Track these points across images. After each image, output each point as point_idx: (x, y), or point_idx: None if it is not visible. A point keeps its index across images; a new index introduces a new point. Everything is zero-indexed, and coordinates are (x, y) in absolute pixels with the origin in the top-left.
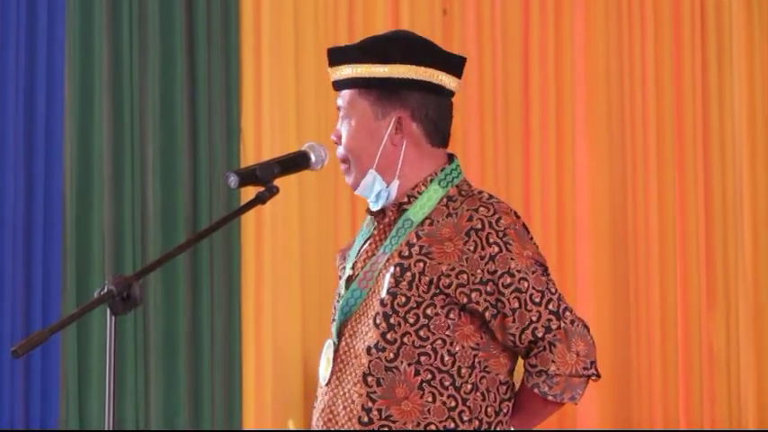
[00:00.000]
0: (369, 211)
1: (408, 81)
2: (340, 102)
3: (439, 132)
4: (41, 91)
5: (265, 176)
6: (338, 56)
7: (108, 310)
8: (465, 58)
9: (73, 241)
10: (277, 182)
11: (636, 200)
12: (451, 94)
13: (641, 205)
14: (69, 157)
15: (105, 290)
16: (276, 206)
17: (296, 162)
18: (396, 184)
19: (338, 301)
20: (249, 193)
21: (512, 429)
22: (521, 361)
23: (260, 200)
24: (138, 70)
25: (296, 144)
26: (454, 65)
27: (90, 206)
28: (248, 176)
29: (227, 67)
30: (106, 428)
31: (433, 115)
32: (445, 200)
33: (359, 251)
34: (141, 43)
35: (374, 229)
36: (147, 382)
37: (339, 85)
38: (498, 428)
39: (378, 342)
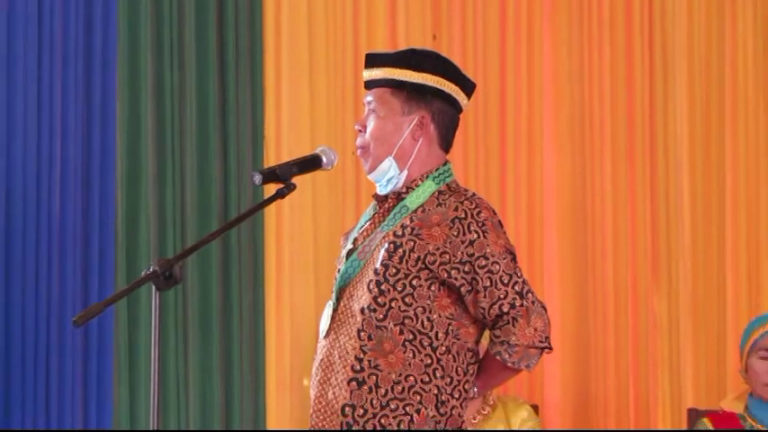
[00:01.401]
0: (375, 196)
1: (435, 89)
2: (369, 98)
3: (447, 138)
4: (97, 105)
5: (284, 175)
6: (376, 60)
7: (153, 287)
8: (476, 84)
9: (123, 230)
10: (294, 180)
11: (594, 196)
12: (461, 110)
13: (598, 201)
14: (120, 160)
15: (151, 270)
16: (293, 200)
17: (310, 163)
18: (404, 174)
19: (339, 271)
20: (271, 189)
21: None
22: (486, 333)
23: (280, 195)
24: (177, 87)
25: (310, 148)
26: (469, 87)
27: (137, 201)
28: (270, 175)
29: (253, 85)
30: (153, 387)
31: (447, 122)
32: (437, 193)
33: (360, 229)
34: (180, 64)
35: (375, 210)
36: (186, 348)
37: (373, 84)
38: (465, 387)
39: (370, 304)
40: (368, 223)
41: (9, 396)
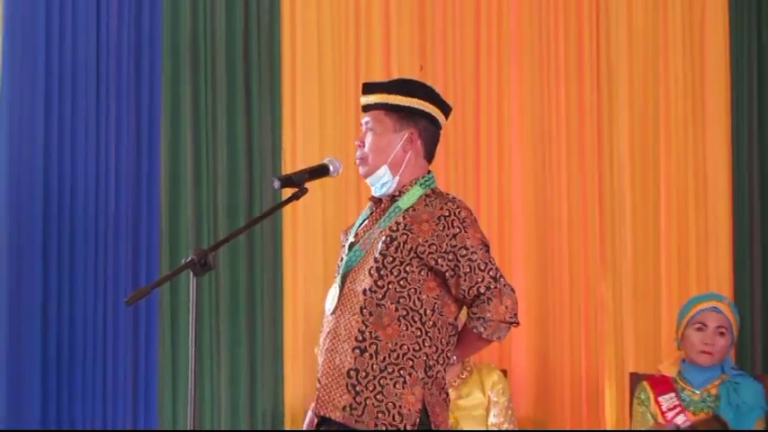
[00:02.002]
0: (371, 198)
1: (420, 111)
2: (366, 119)
3: (430, 150)
4: (145, 121)
5: (299, 181)
6: (372, 88)
7: (191, 273)
8: (452, 107)
9: (166, 225)
10: (306, 185)
11: (552, 199)
12: (441, 127)
13: (556, 203)
14: (164, 167)
15: (189, 259)
16: (306, 201)
17: (319, 171)
18: (396, 180)
19: (342, 260)
20: (287, 192)
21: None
22: (464, 310)
23: (295, 197)
24: (211, 108)
25: (319, 159)
26: (447, 109)
27: (178, 201)
28: (287, 181)
29: (272, 107)
30: (191, 356)
31: (430, 138)
32: (424, 196)
33: (360, 226)
34: (213, 89)
35: (371, 212)
36: (218, 323)
37: (370, 107)
38: (448, 354)
39: (371, 286)
40: (366, 221)
41: (73, 359)
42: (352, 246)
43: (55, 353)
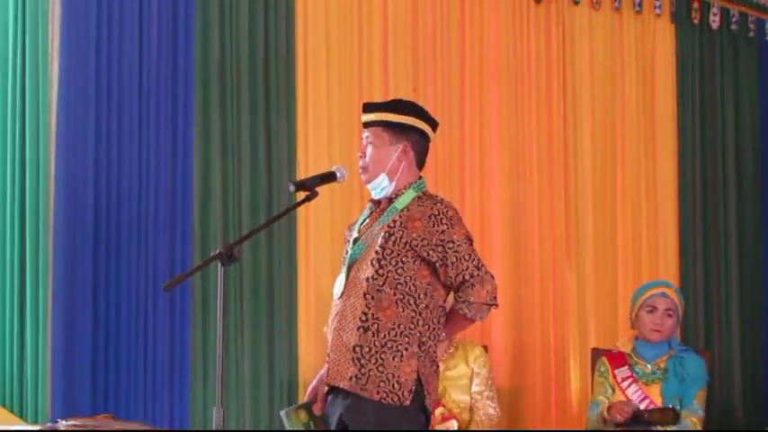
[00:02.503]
0: (371, 200)
1: (412, 127)
2: (366, 134)
3: (421, 160)
4: (180, 136)
5: (311, 185)
6: (371, 108)
7: (219, 264)
8: (438, 123)
9: (198, 223)
10: (317, 189)
11: (525, 201)
12: (429, 140)
13: (528, 204)
14: (197, 174)
15: (217, 251)
16: (317, 203)
17: (328, 177)
18: (393, 185)
19: (347, 253)
20: (301, 195)
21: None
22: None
23: (307, 199)
24: (236, 126)
25: (328, 167)
26: (434, 124)
27: (208, 202)
28: (300, 185)
29: (288, 125)
30: (219, 334)
31: (421, 149)
32: (417, 198)
33: (362, 224)
34: (238, 111)
35: (371, 212)
36: (242, 307)
37: (370, 124)
38: (438, 332)
39: (373, 275)
40: (368, 220)
41: (119, 337)
42: (356, 241)
43: (103, 332)
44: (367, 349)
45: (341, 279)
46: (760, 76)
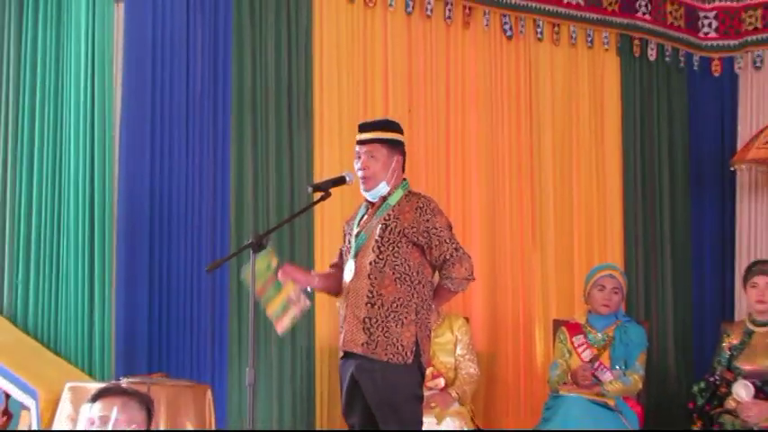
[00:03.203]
0: (367, 201)
1: (399, 141)
2: (365, 149)
3: (404, 164)
4: (220, 146)
5: (325, 187)
6: (368, 127)
7: (251, 251)
8: None
9: (234, 218)
10: (331, 190)
11: (499, 199)
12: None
13: (501, 200)
14: (233, 179)
15: (249, 241)
16: (331, 202)
17: (339, 181)
18: (387, 188)
19: (349, 242)
20: (317, 195)
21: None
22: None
23: (322, 198)
24: (264, 138)
25: (339, 172)
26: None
27: (242, 201)
28: (317, 187)
29: (307, 138)
30: (250, 311)
31: (404, 157)
32: (404, 195)
33: (360, 219)
34: (266, 125)
35: (367, 209)
36: None
37: (366, 141)
38: (429, 303)
39: (374, 259)
40: (366, 216)
41: (170, 311)
42: (358, 234)
43: (157, 306)
44: (375, 320)
45: (350, 266)
46: (688, 99)
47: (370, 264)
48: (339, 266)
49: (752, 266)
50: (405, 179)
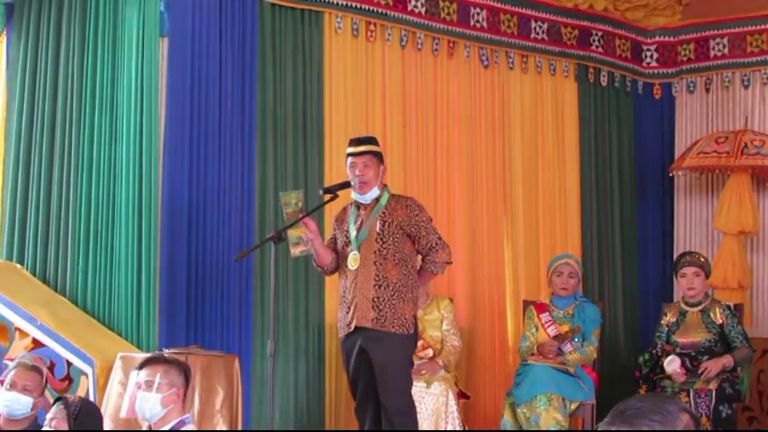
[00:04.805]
0: (356, 203)
1: (381, 153)
2: (360, 161)
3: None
4: (246, 157)
5: (334, 190)
6: (362, 142)
7: (272, 243)
8: None
9: (258, 215)
10: (338, 193)
11: (478, 200)
12: None
13: (480, 202)
14: (257, 183)
15: (270, 234)
16: (337, 202)
17: (345, 185)
18: (378, 192)
19: (347, 237)
20: (327, 197)
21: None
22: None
23: (332, 199)
24: (283, 149)
25: (345, 177)
26: None
27: (264, 202)
28: (327, 190)
29: (319, 148)
30: (271, 289)
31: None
32: (391, 197)
33: (356, 218)
34: (285, 137)
35: (359, 211)
36: (286, 273)
37: (360, 154)
38: (417, 283)
39: (379, 248)
40: (361, 216)
41: (204, 293)
42: (359, 228)
43: (194, 289)
44: (382, 299)
45: (355, 256)
46: (634, 117)
47: (375, 253)
48: (332, 250)
49: (680, 259)
50: (385, 184)
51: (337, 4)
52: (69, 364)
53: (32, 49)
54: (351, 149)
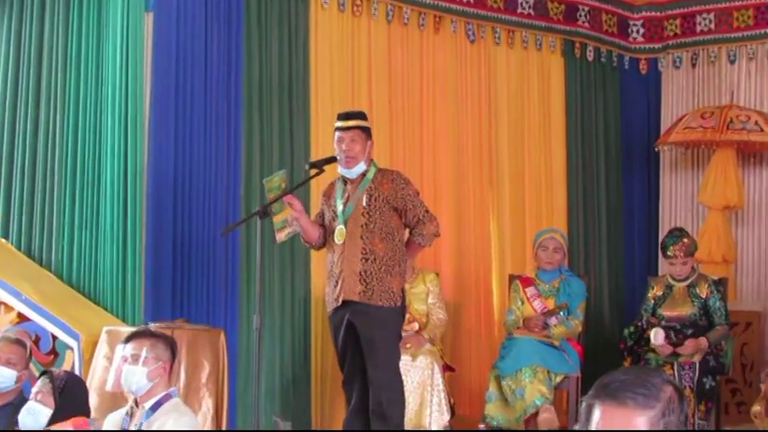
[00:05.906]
0: (343, 178)
1: (369, 128)
2: (348, 135)
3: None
4: (233, 134)
5: (320, 165)
6: (350, 116)
7: (257, 218)
8: None
9: (245, 191)
10: (324, 168)
11: (464, 176)
12: None
13: (466, 178)
14: (243, 158)
15: (256, 209)
16: (323, 176)
17: (331, 159)
18: (364, 167)
19: (334, 211)
20: (313, 171)
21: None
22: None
23: (317, 174)
24: (269, 125)
25: (331, 152)
26: None
27: (250, 177)
28: (313, 165)
29: (305, 124)
30: (258, 264)
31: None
32: (377, 171)
33: (343, 192)
34: (270, 114)
35: (345, 185)
36: (272, 248)
37: (348, 128)
38: (405, 256)
39: (365, 222)
40: (348, 190)
41: (190, 268)
42: (345, 203)
43: (180, 263)
44: (369, 272)
45: (341, 229)
46: (620, 92)
47: (362, 227)
48: (320, 225)
49: (668, 242)
50: (372, 159)
51: None
52: (55, 337)
53: (17, 21)
54: (339, 124)
